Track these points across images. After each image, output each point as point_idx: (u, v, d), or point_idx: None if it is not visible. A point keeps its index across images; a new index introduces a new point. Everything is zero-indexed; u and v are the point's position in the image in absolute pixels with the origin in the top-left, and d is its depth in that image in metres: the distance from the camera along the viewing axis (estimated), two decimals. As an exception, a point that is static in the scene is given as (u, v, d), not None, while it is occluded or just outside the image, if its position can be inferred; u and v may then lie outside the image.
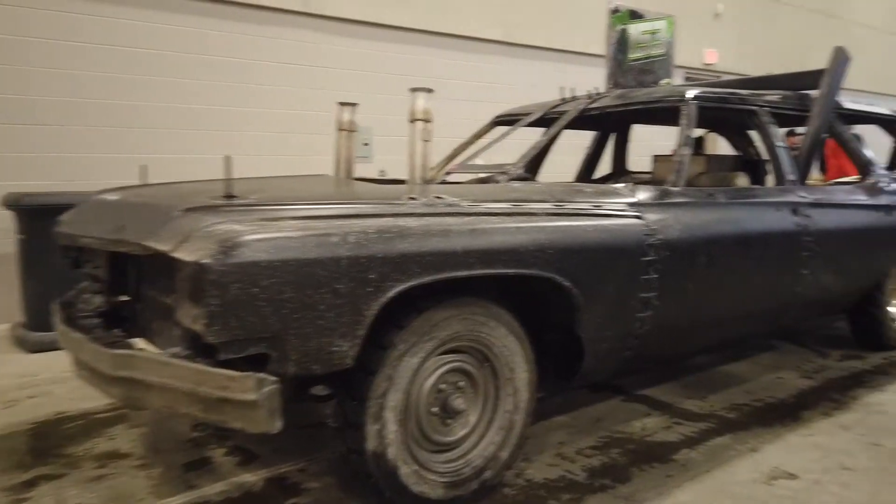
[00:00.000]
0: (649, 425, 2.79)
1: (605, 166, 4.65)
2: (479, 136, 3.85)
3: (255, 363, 1.64)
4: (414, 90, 2.53)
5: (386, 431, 1.89)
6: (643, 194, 2.50)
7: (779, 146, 3.13)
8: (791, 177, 3.10)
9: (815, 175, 8.18)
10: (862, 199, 3.40)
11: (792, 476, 2.31)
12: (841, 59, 3.47)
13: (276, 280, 1.56)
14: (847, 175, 7.54)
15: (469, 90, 6.80)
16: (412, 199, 2.02)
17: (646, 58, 3.56)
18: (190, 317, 1.60)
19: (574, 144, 4.55)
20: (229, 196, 1.87)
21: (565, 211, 2.23)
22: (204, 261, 1.51)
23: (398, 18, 6.30)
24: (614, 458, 2.48)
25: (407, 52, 6.43)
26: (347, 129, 2.95)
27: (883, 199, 3.50)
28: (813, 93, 3.48)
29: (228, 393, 1.57)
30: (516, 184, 2.67)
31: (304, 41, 5.82)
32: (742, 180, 3.52)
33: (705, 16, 9.39)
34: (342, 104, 2.95)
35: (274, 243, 1.57)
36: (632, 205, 2.42)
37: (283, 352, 1.61)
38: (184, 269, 1.59)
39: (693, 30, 9.08)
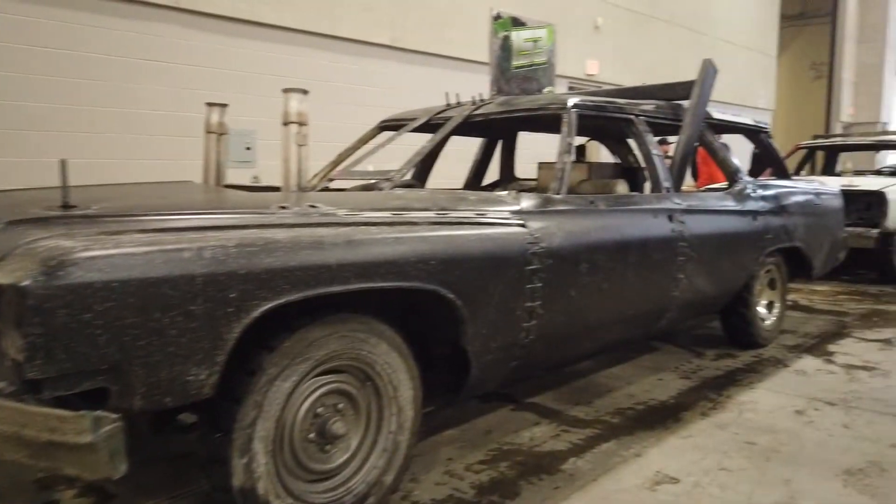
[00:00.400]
0: (538, 435, 2.75)
1: (494, 173, 4.66)
2: (364, 141, 3.71)
3: (94, 399, 1.43)
4: (287, 91, 2.36)
5: (255, 464, 1.72)
6: (526, 202, 2.46)
7: (654, 154, 3.21)
8: (666, 184, 3.19)
9: (688, 182, 8.67)
10: (731, 205, 3.56)
11: (674, 480, 2.33)
12: (708, 71, 3.63)
13: (115, 303, 1.36)
14: (716, 182, 8.05)
15: (357, 94, 6.66)
16: (283, 208, 1.86)
17: (529, 65, 3.57)
18: (14, 347, 1.37)
19: (468, 151, 4.53)
20: (66, 206, 1.63)
21: (448, 220, 2.14)
22: (22, 283, 1.29)
23: (280, 18, 6.05)
24: (503, 471, 2.42)
25: (292, 54, 6.19)
26: (217, 132, 2.74)
27: (749, 205, 3.69)
28: (684, 103, 3.62)
29: (59, 436, 1.35)
30: (399, 191, 2.56)
31: (176, 38, 5.45)
32: (622, 187, 3.60)
33: (587, 28, 9.73)
34: (210, 105, 2.73)
35: (111, 261, 1.37)
36: (515, 213, 2.38)
37: (126, 385, 1.41)
38: (3, 292, 1.36)
39: (576, 41, 9.40)
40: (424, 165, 4.20)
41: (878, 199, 5.95)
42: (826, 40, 17.75)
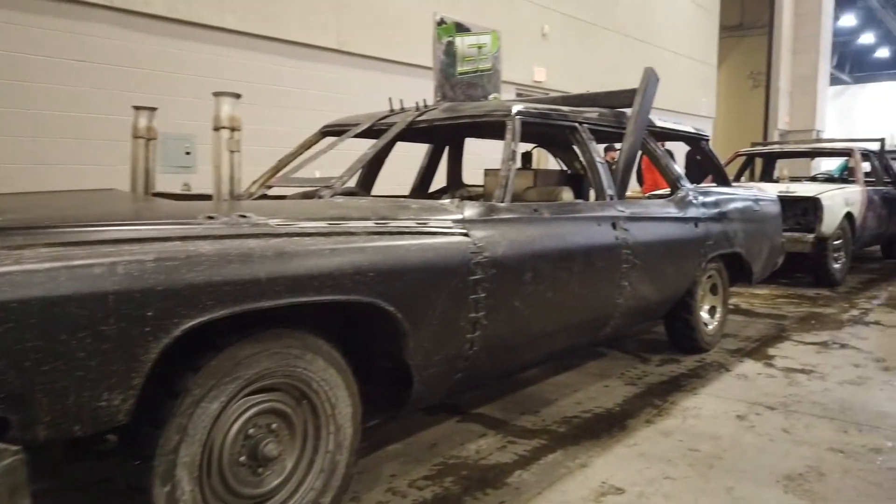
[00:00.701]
0: (484, 447, 2.70)
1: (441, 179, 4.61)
2: (306, 146, 3.61)
3: (-7, 429, 1.30)
4: (218, 94, 2.25)
5: (179, 492, 1.61)
6: (470, 210, 2.41)
7: (598, 162, 3.21)
8: (610, 192, 3.19)
9: (634, 188, 8.81)
10: (673, 212, 3.60)
11: (619, 490, 2.31)
12: (650, 79, 3.66)
13: (14, 325, 1.24)
14: (661, 188, 8.19)
15: (304, 98, 6.53)
16: (210, 218, 1.76)
17: (473, 71, 3.53)
18: None
19: (416, 157, 4.47)
20: (-34, 218, 1.50)
21: (388, 229, 2.07)
22: None
23: (222, 20, 5.88)
24: (448, 487, 2.36)
25: (235, 56, 6.03)
26: (145, 137, 2.60)
27: (691, 212, 3.73)
28: (628, 111, 3.64)
29: (-51, 472, 1.22)
30: (339, 199, 2.48)
31: (110, 39, 5.23)
32: (567, 195, 3.59)
33: (534, 35, 9.81)
34: (138, 108, 2.59)
35: (10, 279, 1.25)
36: (458, 221, 2.32)
37: (28, 414, 1.29)
38: None
39: (523, 48, 9.46)
40: (370, 172, 4.13)
41: (813, 205, 6.14)
42: (763, 51, 18.40)
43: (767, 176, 8.64)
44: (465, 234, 2.29)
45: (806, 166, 15.04)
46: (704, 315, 4.17)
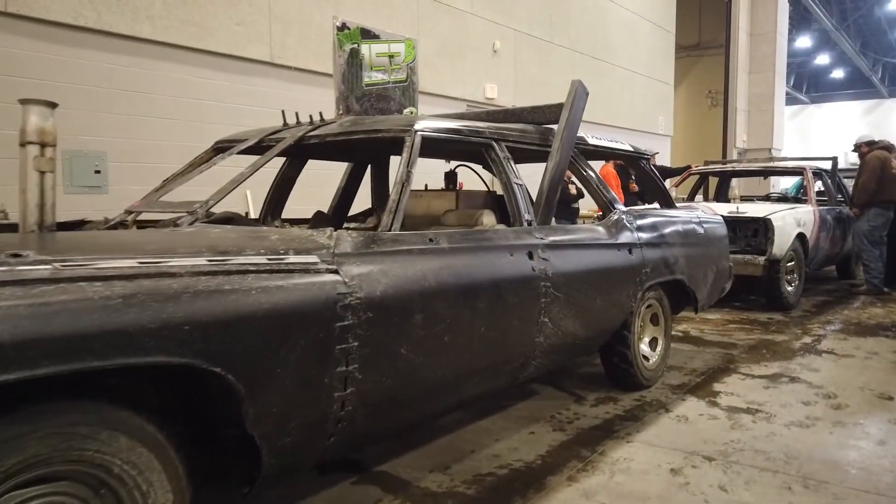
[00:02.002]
0: (375, 518, 2.31)
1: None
2: (197, 164, 3.20)
3: None
4: (25, 102, 1.85)
5: None
6: (344, 242, 2.03)
7: (515, 183, 2.87)
8: (527, 217, 2.85)
9: (593, 207, 8.54)
10: (603, 238, 3.27)
11: (519, 578, 1.94)
12: (578, 92, 3.35)
13: None
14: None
15: (232, 112, 6.11)
16: (-38, 261, 1.35)
17: (385, 83, 3.17)
18: None
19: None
20: None
21: (225, 268, 1.68)
22: None
23: (132, 28, 5.45)
24: (317, 576, 1.95)
25: (150, 68, 5.59)
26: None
27: (625, 237, 3.41)
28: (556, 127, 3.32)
29: None
30: (190, 229, 2.08)
31: (8, 48, 4.77)
32: (488, 219, 3.25)
33: (485, 51, 9.56)
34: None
35: None
36: (326, 256, 1.94)
37: None
38: None
39: (473, 64, 9.20)
40: (278, 194, 3.74)
41: (764, 226, 5.90)
42: (721, 70, 18.52)
43: (722, 195, 8.45)
44: (334, 272, 1.91)
45: (764, 185, 15.05)
46: (644, 348, 3.84)
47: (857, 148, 6.82)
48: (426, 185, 3.91)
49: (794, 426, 3.21)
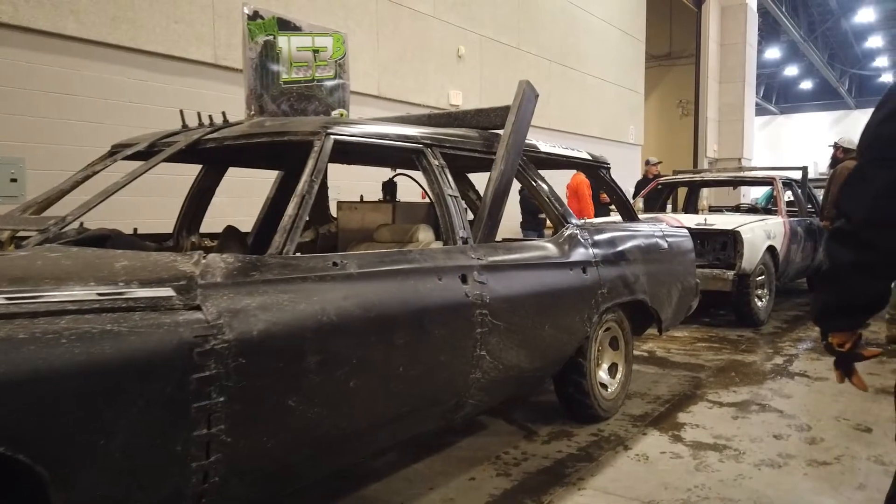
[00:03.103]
0: None
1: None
2: (94, 167, 2.79)
3: None
4: None
5: None
6: (216, 269, 1.64)
7: (448, 195, 2.50)
8: (463, 233, 2.48)
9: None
10: (553, 256, 2.92)
11: None
12: (525, 94, 3.01)
13: None
14: (585, 217, 7.61)
15: (171, 115, 5.65)
16: None
17: (308, 81, 2.79)
18: None
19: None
20: None
21: (26, 309, 1.28)
22: None
23: (56, 25, 5.01)
24: None
25: (77, 67, 5.15)
26: None
27: (578, 255, 3.07)
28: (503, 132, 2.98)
29: None
30: (23, 253, 1.67)
31: None
32: (425, 234, 2.89)
33: (449, 56, 9.23)
34: None
35: None
36: (188, 288, 1.55)
37: None
38: None
39: (436, 69, 8.87)
40: (195, 205, 3.33)
41: (732, 239, 5.62)
42: (692, 80, 18.48)
43: (692, 206, 8.20)
44: (195, 308, 1.53)
45: (735, 196, 14.92)
46: (603, 375, 3.50)
47: (835, 148, 6.55)
48: (361, 196, 3.54)
49: (764, 466, 2.88)
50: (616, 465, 2.90)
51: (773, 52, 27.02)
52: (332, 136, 2.16)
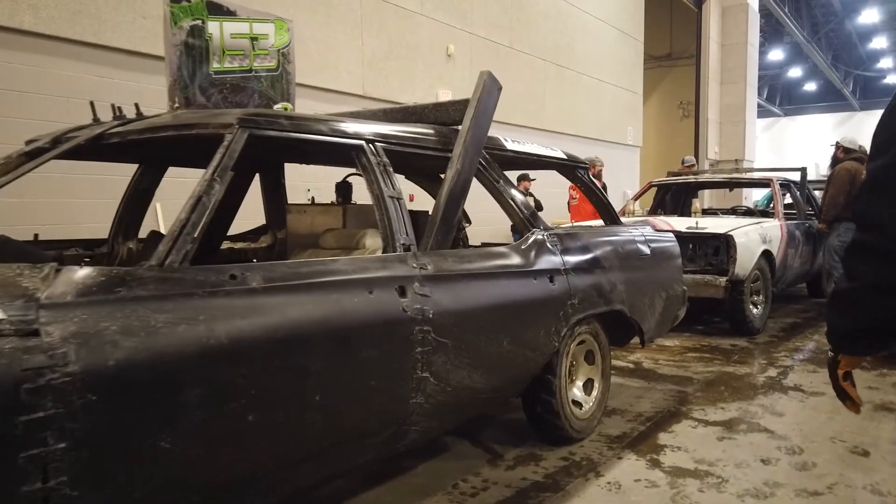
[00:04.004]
0: None
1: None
2: (8, 167, 2.52)
3: None
4: None
5: None
6: (67, 284, 1.37)
7: (389, 197, 2.23)
8: (404, 240, 2.21)
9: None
10: (514, 264, 2.64)
11: None
12: (486, 85, 2.74)
13: None
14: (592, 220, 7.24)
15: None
16: None
17: (245, 71, 2.53)
18: None
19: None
20: None
21: None
22: None
23: None
24: None
25: (10, 60, 4.84)
26: None
27: (545, 262, 2.79)
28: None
29: None
30: None
31: None
32: (372, 241, 2.61)
33: (438, 55, 8.97)
34: None
35: None
36: (24, 308, 1.28)
37: None
38: None
39: (425, 68, 8.62)
40: (132, 208, 3.07)
41: (725, 243, 5.33)
42: (692, 81, 18.20)
43: (687, 209, 7.90)
44: (31, 333, 1.26)
45: (736, 198, 14.60)
46: (577, 393, 3.22)
47: (836, 148, 6.25)
48: (312, 199, 3.27)
49: (749, 497, 2.59)
50: (585, 495, 2.62)
51: (777, 54, 26.69)
52: (249, 130, 1.89)
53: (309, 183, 5.87)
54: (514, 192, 2.89)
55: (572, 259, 2.97)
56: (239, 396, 1.56)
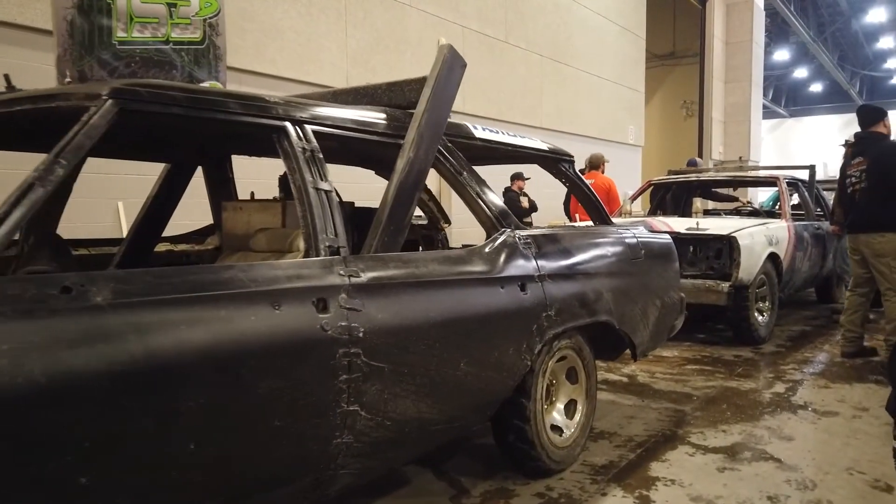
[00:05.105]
0: None
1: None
2: None
3: None
4: None
5: None
6: None
7: (314, 189, 1.83)
8: (330, 241, 1.81)
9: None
10: (475, 270, 2.24)
11: None
12: (448, 62, 2.34)
13: None
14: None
15: None
16: None
17: (158, 42, 2.13)
18: None
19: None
20: None
21: None
22: None
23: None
24: None
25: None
26: None
27: (514, 268, 2.38)
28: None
29: None
30: None
31: None
32: (302, 242, 2.21)
33: (428, 48, 8.54)
34: None
35: None
36: None
37: None
38: None
39: (416, 62, 8.21)
40: (49, 205, 2.67)
41: (728, 245, 4.92)
42: (696, 80, 17.80)
43: (689, 209, 7.48)
44: None
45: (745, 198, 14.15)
46: (556, 417, 2.82)
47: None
48: (252, 193, 2.88)
49: (753, 547, 2.18)
50: (558, 544, 2.22)
51: (782, 54, 26.23)
52: (122, 104, 1.50)
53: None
54: (479, 186, 2.49)
55: (549, 264, 2.57)
56: (63, 452, 1.16)
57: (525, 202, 8.24)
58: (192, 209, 3.22)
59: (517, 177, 8.28)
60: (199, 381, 1.37)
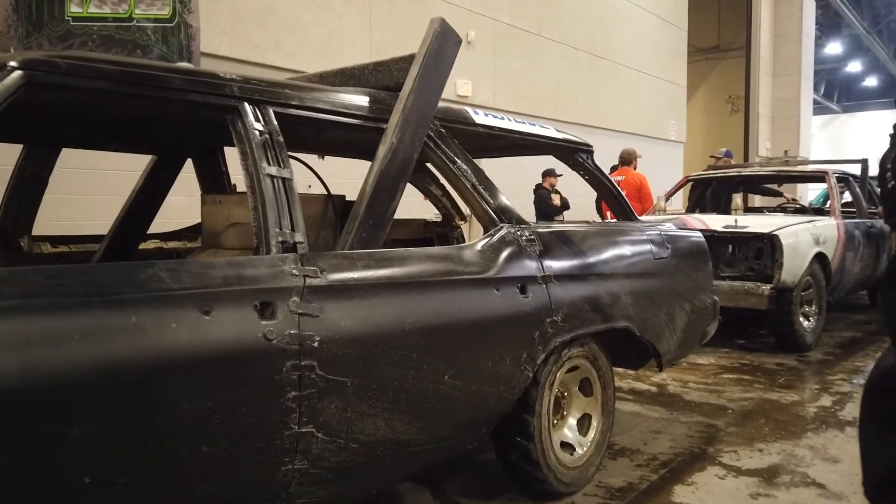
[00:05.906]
0: None
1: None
2: None
3: None
4: None
5: None
6: None
7: (268, 176, 1.60)
8: (283, 238, 1.58)
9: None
10: (466, 270, 1.98)
11: None
12: (439, 36, 2.10)
13: None
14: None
15: None
16: None
17: (120, 19, 1.94)
18: None
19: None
20: None
21: None
22: None
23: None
24: None
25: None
26: None
27: (513, 269, 2.12)
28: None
29: None
30: None
31: None
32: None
33: (455, 42, 8.30)
34: None
35: None
36: None
37: None
38: None
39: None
40: (20, 199, 2.52)
41: (770, 244, 4.53)
42: (742, 74, 17.14)
43: (729, 205, 7.05)
44: None
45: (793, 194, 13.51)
46: (567, 434, 2.54)
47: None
48: (234, 186, 2.68)
49: None
50: (559, 583, 1.94)
51: (835, 47, 25.13)
52: (30, 76, 1.29)
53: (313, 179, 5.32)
54: (476, 177, 2.22)
55: (556, 264, 2.29)
56: None
57: (556, 199, 7.91)
58: (196, 206, 3.06)
59: (549, 173, 7.95)
60: (97, 402, 1.15)
